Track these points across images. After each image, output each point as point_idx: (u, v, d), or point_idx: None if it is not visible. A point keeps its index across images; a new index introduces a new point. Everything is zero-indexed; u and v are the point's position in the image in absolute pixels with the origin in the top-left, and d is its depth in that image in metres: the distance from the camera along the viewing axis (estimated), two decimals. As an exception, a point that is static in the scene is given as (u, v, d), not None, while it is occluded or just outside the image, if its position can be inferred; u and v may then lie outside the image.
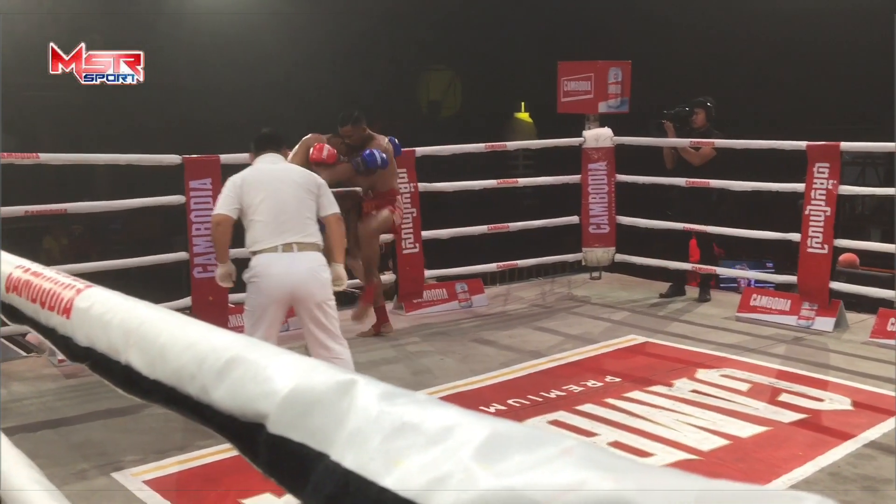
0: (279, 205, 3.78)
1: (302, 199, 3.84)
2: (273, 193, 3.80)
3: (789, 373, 4.77)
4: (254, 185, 3.83)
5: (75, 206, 5.60)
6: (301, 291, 3.76)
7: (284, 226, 3.76)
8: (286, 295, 3.77)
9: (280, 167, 3.96)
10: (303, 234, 3.78)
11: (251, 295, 3.83)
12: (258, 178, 3.87)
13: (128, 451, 3.79)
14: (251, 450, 0.65)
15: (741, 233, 6.34)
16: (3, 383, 4.74)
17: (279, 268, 3.74)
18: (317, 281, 3.78)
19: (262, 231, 3.76)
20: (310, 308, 3.80)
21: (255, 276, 3.78)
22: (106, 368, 0.88)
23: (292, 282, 3.74)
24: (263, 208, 3.77)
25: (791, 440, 3.86)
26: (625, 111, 6.97)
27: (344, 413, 0.58)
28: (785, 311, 5.79)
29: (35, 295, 1.05)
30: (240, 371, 0.68)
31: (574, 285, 7.12)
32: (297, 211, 3.80)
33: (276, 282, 3.73)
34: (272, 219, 3.76)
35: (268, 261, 3.74)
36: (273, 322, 3.84)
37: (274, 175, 3.88)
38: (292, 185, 3.85)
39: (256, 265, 3.79)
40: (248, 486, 3.46)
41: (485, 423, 0.51)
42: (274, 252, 3.74)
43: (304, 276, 3.75)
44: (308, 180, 3.93)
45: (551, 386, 4.61)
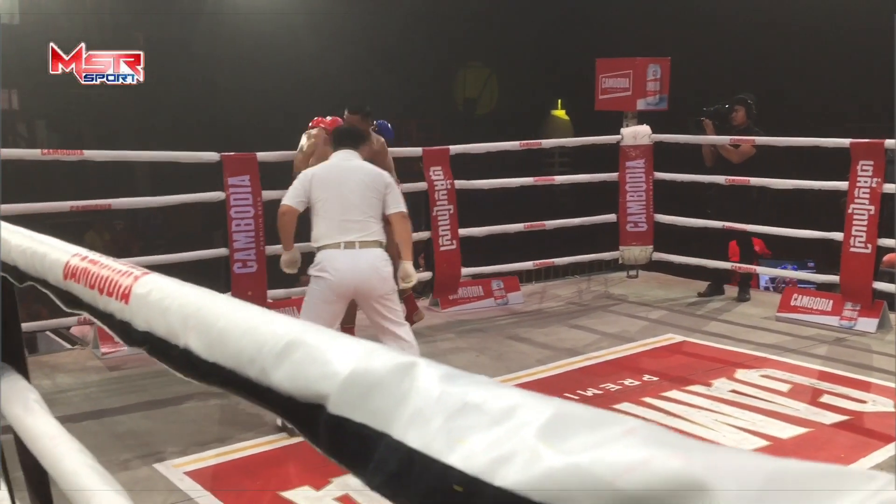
0: (344, 204, 3.90)
1: (367, 198, 3.94)
2: (339, 191, 3.92)
3: (831, 374, 4.71)
4: (323, 182, 3.95)
5: (119, 202, 5.70)
6: (364, 287, 3.89)
7: (347, 224, 3.87)
8: (349, 289, 3.89)
9: (352, 165, 4.04)
10: (365, 233, 3.89)
11: (314, 287, 3.95)
12: (328, 174, 3.99)
13: (169, 443, 3.85)
14: (311, 430, 0.66)
15: (782, 232, 6.26)
16: (49, 375, 4.85)
17: (343, 263, 3.85)
18: (378, 276, 3.90)
19: (327, 228, 3.89)
20: (371, 302, 3.94)
21: (321, 270, 3.90)
22: (164, 352, 0.90)
23: (355, 277, 3.86)
24: (329, 206, 3.90)
25: (832, 442, 3.81)
26: (664, 108, 6.92)
27: (405, 394, 0.59)
28: (827, 312, 5.71)
29: (93, 282, 1.08)
30: (299, 354, 0.70)
31: (611, 283, 7.08)
32: (361, 210, 3.90)
33: (339, 276, 3.85)
34: (336, 216, 3.88)
35: (332, 256, 3.87)
36: (334, 315, 3.96)
37: (343, 173, 3.98)
38: (359, 185, 3.95)
39: (321, 260, 3.91)
40: (286, 478, 3.51)
41: (547, 403, 0.51)
42: (337, 248, 3.87)
43: (367, 273, 3.87)
44: (376, 180, 4.01)
45: (588, 384, 4.60)
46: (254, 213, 5.48)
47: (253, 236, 5.48)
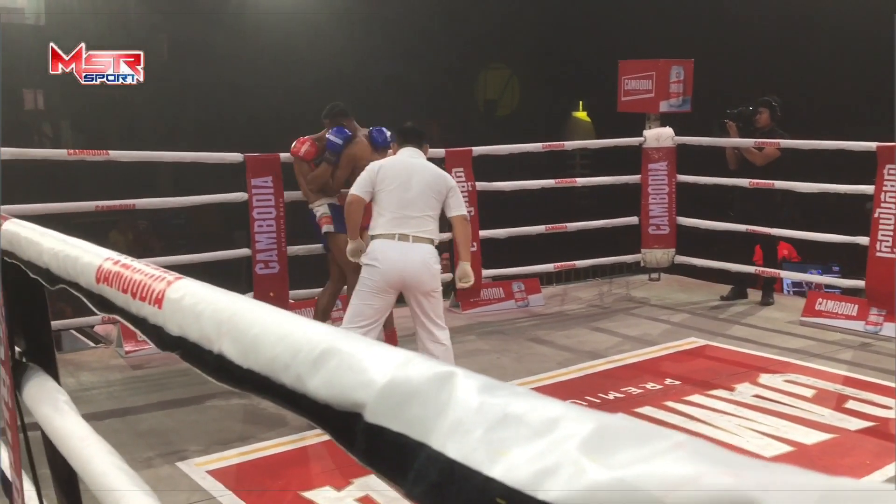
0: (405, 199, 4.00)
1: (428, 197, 4.04)
2: (402, 186, 4.02)
3: (856, 379, 4.66)
4: (388, 175, 4.05)
5: (144, 202, 5.75)
6: (412, 279, 3.98)
7: (404, 219, 3.98)
8: (398, 279, 3.98)
9: (418, 163, 4.15)
10: (419, 230, 3.99)
11: (365, 275, 4.04)
12: (395, 169, 4.08)
13: (191, 441, 3.88)
14: (347, 438, 0.66)
15: (806, 235, 6.21)
16: (73, 373, 4.89)
17: (394, 253, 3.95)
18: (427, 270, 4.00)
19: (384, 219, 4.00)
20: (417, 295, 4.02)
21: (373, 258, 4.00)
22: (198, 357, 0.90)
23: (405, 268, 3.96)
24: (390, 198, 4.00)
25: (857, 448, 3.77)
26: (687, 110, 6.88)
27: (444, 404, 0.58)
28: (852, 316, 5.65)
29: (126, 286, 1.08)
30: (335, 361, 0.70)
31: (632, 286, 7.05)
32: (420, 208, 4.01)
33: (390, 266, 3.95)
34: (395, 210, 3.98)
35: (384, 246, 3.97)
36: (383, 304, 4.05)
37: (409, 169, 4.08)
38: (422, 184, 4.05)
39: (374, 249, 4.01)
40: (308, 478, 3.52)
41: (590, 415, 0.51)
42: (391, 239, 3.97)
43: (417, 265, 3.96)
44: (439, 182, 4.11)
45: (609, 387, 4.58)
46: (276, 213, 5.50)
47: (275, 237, 5.50)
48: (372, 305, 4.02)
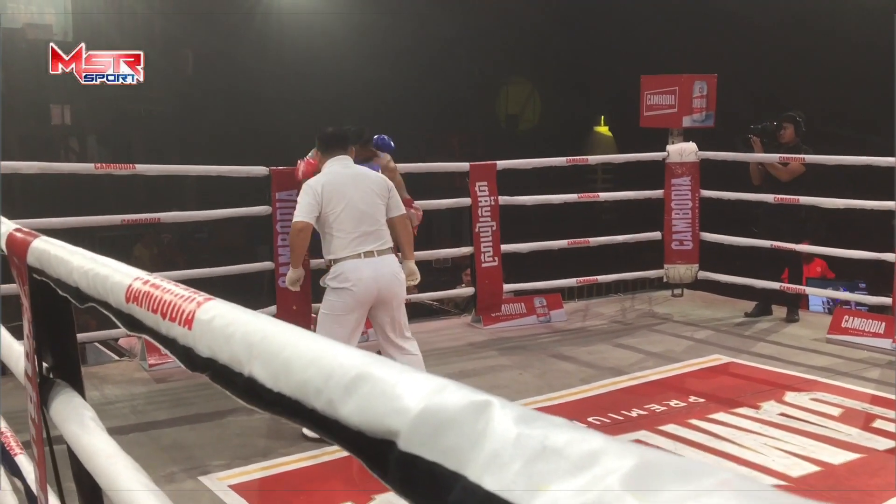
0: (358, 215, 3.95)
1: (377, 206, 4.01)
2: (351, 203, 3.95)
3: (884, 398, 4.58)
4: (334, 195, 3.95)
5: (168, 216, 5.78)
6: (386, 292, 3.98)
7: (363, 236, 3.94)
8: (373, 297, 3.96)
9: (355, 172, 4.07)
10: (380, 242, 3.99)
11: (334, 299, 3.97)
12: (337, 186, 3.98)
13: (214, 456, 3.89)
14: (381, 466, 0.66)
15: (832, 252, 6.15)
16: (97, 386, 4.92)
17: (367, 272, 3.92)
18: (398, 281, 4.03)
19: (343, 241, 3.94)
20: (391, 308, 4.02)
21: (343, 280, 3.93)
22: (228, 380, 0.90)
23: (379, 284, 3.94)
24: (343, 218, 3.94)
25: (886, 468, 3.70)
26: (710, 125, 6.84)
27: (480, 434, 0.57)
28: (879, 334, 5.57)
29: (156, 306, 1.09)
30: (368, 387, 0.69)
31: (655, 302, 7.00)
32: (374, 220, 3.98)
33: (365, 285, 3.92)
34: (352, 229, 3.94)
35: (355, 266, 3.93)
36: (357, 325, 4.02)
37: (351, 183, 4.00)
38: (368, 193, 4.00)
39: (342, 271, 3.93)
40: (329, 494, 3.51)
41: (632, 450, 0.50)
42: (358, 258, 3.92)
43: (389, 278, 3.97)
44: (380, 187, 4.07)
45: (633, 405, 4.54)
46: (299, 228, 5.51)
47: (297, 251, 5.51)
48: (345, 329, 3.93)
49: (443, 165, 6.12)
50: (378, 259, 3.94)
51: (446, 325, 6.46)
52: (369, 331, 5.96)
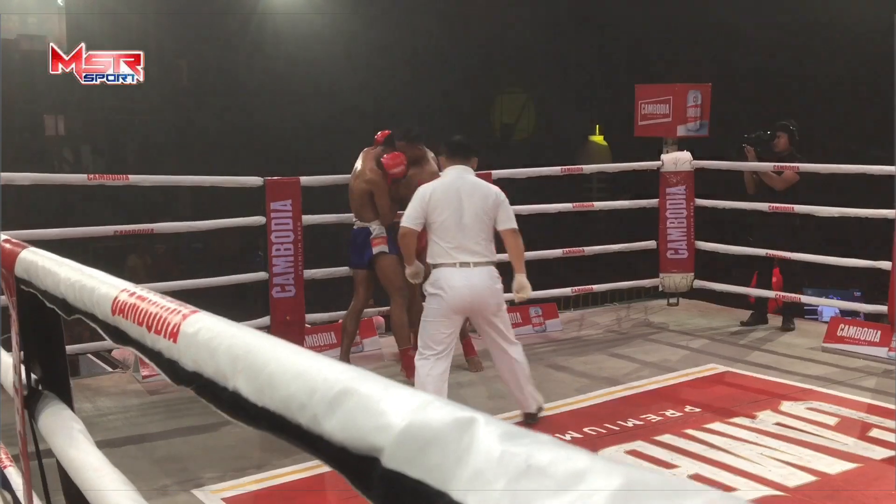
0: (460, 227, 4.06)
1: (481, 220, 4.10)
2: (455, 214, 4.07)
3: (880, 407, 4.57)
4: (440, 203, 4.09)
5: (162, 227, 5.77)
6: (479, 303, 4.11)
7: (462, 246, 4.06)
8: (465, 305, 4.10)
9: (468, 183, 4.17)
10: (478, 255, 4.09)
11: (432, 305, 4.13)
12: (445, 195, 4.10)
13: (208, 468, 3.86)
14: (364, 483, 0.64)
15: (827, 260, 6.14)
16: (90, 398, 4.90)
17: (459, 281, 4.05)
18: (491, 293, 4.14)
19: (441, 248, 4.08)
20: (487, 317, 4.16)
21: (438, 288, 4.08)
22: (212, 394, 0.89)
23: (471, 294, 4.07)
24: (445, 227, 4.07)
25: (883, 478, 3.69)
26: (704, 135, 6.85)
27: (464, 451, 0.56)
28: (875, 343, 5.56)
29: (141, 318, 1.07)
30: (352, 403, 0.68)
31: (651, 311, 6.99)
32: (475, 232, 4.08)
33: (456, 293, 4.05)
34: (451, 238, 4.06)
35: (448, 274, 4.07)
36: (452, 329, 4.16)
37: (460, 195, 4.11)
38: (473, 207, 4.10)
39: (438, 278, 4.10)
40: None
41: (618, 470, 0.49)
42: (453, 267, 4.05)
43: (481, 290, 4.08)
44: (489, 200, 4.16)
45: (628, 414, 4.52)
46: (293, 237, 5.51)
47: (292, 261, 5.50)
48: (442, 332, 4.10)
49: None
50: (473, 270, 4.05)
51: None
52: (364, 341, 5.96)
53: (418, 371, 4.16)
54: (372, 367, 5.57)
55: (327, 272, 5.85)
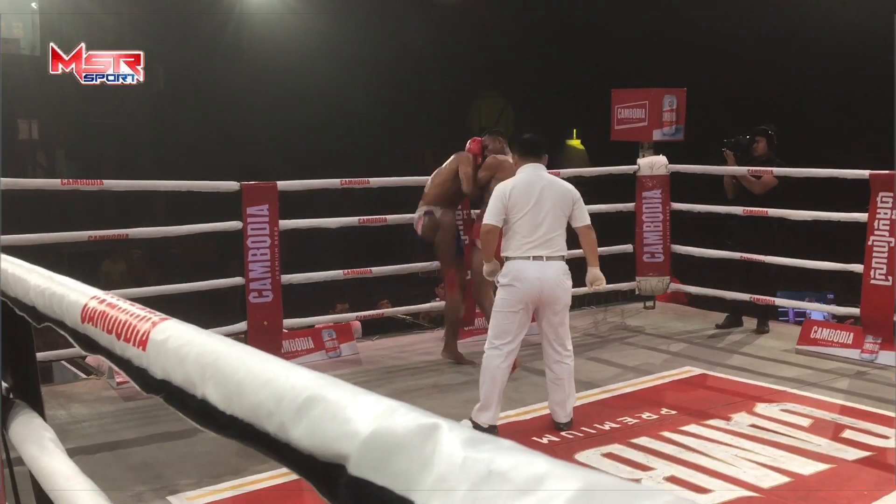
0: (536, 223, 4.18)
1: (557, 216, 4.23)
2: (533, 210, 4.19)
3: (853, 408, 4.63)
4: (519, 200, 4.20)
5: (137, 232, 5.72)
6: (548, 295, 4.20)
7: (537, 241, 4.18)
8: (536, 296, 4.19)
9: (543, 182, 4.28)
10: (552, 250, 4.21)
11: (503, 296, 4.24)
12: (524, 192, 4.22)
13: (183, 475, 3.83)
14: (330, 491, 0.65)
15: (801, 263, 6.20)
16: (64, 405, 4.85)
17: (531, 273, 4.16)
18: (562, 287, 4.24)
19: (518, 243, 4.20)
20: (555, 310, 4.25)
21: (511, 279, 4.18)
22: (181, 402, 0.89)
23: (542, 285, 4.17)
24: (523, 223, 4.19)
25: (856, 479, 3.74)
26: (680, 139, 6.91)
27: (428, 458, 0.57)
28: (847, 345, 5.64)
29: (111, 326, 1.07)
30: (319, 410, 0.68)
31: (627, 315, 7.03)
32: (551, 229, 4.21)
33: (528, 285, 4.16)
34: (528, 234, 4.18)
35: (521, 267, 4.18)
36: (523, 320, 4.25)
37: (537, 192, 4.22)
38: (550, 204, 4.21)
39: (510, 270, 4.20)
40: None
41: (576, 474, 0.50)
42: (526, 260, 4.17)
43: (553, 283, 4.19)
44: (566, 198, 4.28)
45: (605, 417, 4.54)
46: (270, 242, 5.49)
47: (269, 266, 5.48)
48: (514, 322, 4.20)
49: (411, 180, 6.13)
50: (546, 263, 4.17)
51: (420, 340, 6.45)
52: (342, 346, 5.94)
53: (489, 362, 4.25)
54: (350, 371, 5.57)
55: (305, 277, 5.84)
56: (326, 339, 5.88)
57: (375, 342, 6.39)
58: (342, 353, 5.91)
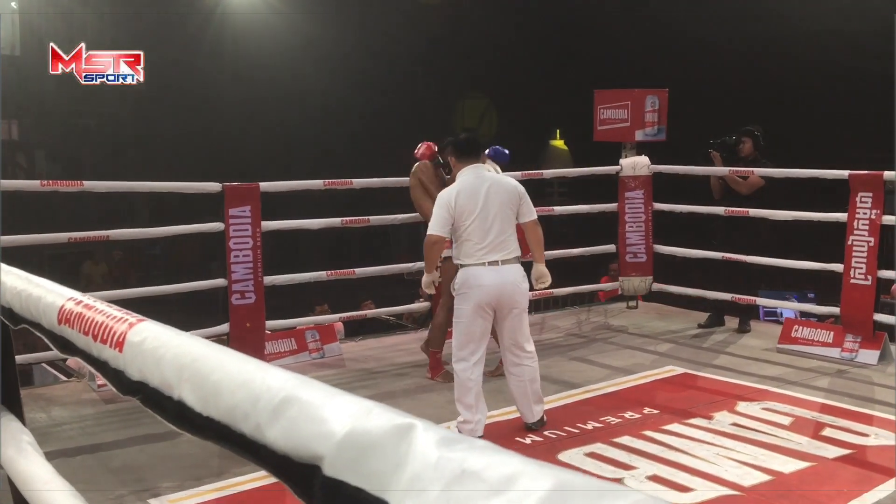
0: (486, 227, 4.10)
1: (506, 217, 4.16)
2: (481, 215, 4.10)
3: (833, 406, 4.67)
4: (466, 207, 4.11)
5: (118, 233, 5.68)
6: (507, 300, 4.15)
7: (490, 246, 4.11)
8: (494, 300, 4.13)
9: (489, 181, 4.18)
10: (505, 253, 4.14)
11: (462, 306, 4.16)
12: (470, 197, 4.12)
13: (165, 478, 3.81)
14: (306, 491, 0.65)
15: (782, 263, 6.24)
16: (44, 408, 4.81)
17: (487, 279, 4.09)
18: (519, 291, 4.19)
19: (470, 249, 4.12)
20: (513, 314, 4.19)
21: (466, 287, 4.12)
22: (158, 404, 0.88)
23: (501, 291, 4.12)
24: (473, 228, 4.11)
25: (836, 476, 3.77)
26: (662, 139, 6.94)
27: (402, 458, 0.57)
28: (828, 343, 5.68)
29: (87, 328, 1.06)
30: (294, 411, 0.68)
31: (610, 314, 7.05)
32: (501, 231, 4.14)
33: (486, 291, 4.10)
34: (480, 239, 4.10)
35: (477, 273, 4.11)
36: (484, 330, 4.19)
37: (483, 193, 4.13)
38: (498, 204, 4.14)
39: (466, 277, 4.13)
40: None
41: (548, 473, 0.50)
42: (482, 266, 4.10)
43: (510, 287, 4.13)
44: (512, 197, 4.20)
45: (588, 417, 4.56)
46: (252, 244, 5.47)
47: (251, 267, 5.46)
48: (477, 331, 4.15)
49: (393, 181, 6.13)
50: (501, 268, 4.11)
51: (404, 340, 6.44)
52: (325, 347, 5.93)
53: (459, 374, 4.19)
54: (333, 372, 5.55)
55: (288, 278, 5.82)
56: (310, 341, 5.86)
57: (359, 343, 6.38)
58: (325, 354, 5.90)
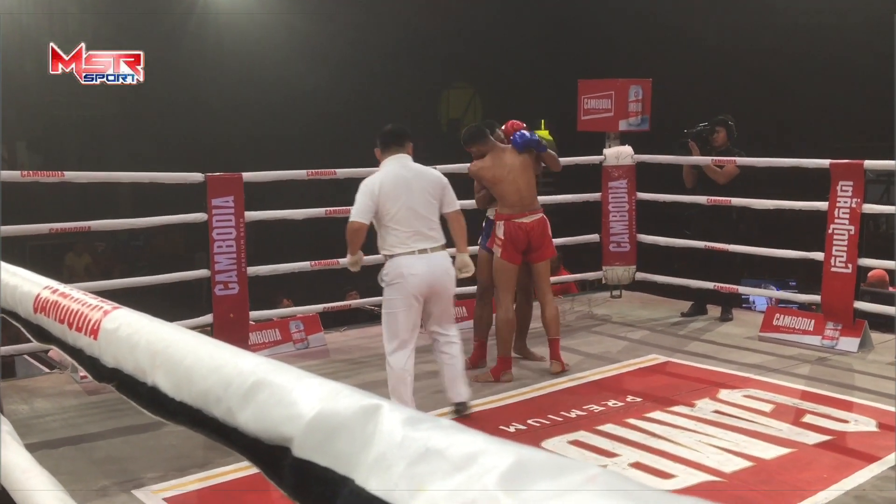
0: (412, 215, 4.13)
1: (431, 206, 4.20)
2: (406, 203, 4.13)
3: (813, 393, 4.72)
4: (389, 195, 4.12)
5: (99, 224, 5.65)
6: (439, 287, 4.20)
7: (417, 234, 4.14)
8: (426, 289, 4.17)
9: (411, 171, 4.23)
10: (434, 241, 4.19)
11: (393, 296, 4.16)
12: (393, 186, 4.14)
13: (148, 468, 3.81)
14: (276, 473, 0.66)
15: (763, 251, 6.29)
16: (27, 399, 4.79)
17: (418, 268, 4.12)
18: (450, 277, 4.27)
19: (398, 238, 4.13)
20: (442, 300, 4.25)
21: (397, 276, 4.12)
22: (132, 390, 0.89)
23: (432, 279, 4.15)
24: (399, 218, 4.12)
25: (816, 462, 3.81)
26: (645, 129, 6.96)
27: (368, 438, 0.58)
28: (808, 331, 5.74)
29: (63, 316, 1.06)
30: (265, 394, 0.69)
31: (594, 304, 7.08)
32: (428, 218, 4.17)
33: (418, 280, 4.12)
34: (406, 228, 4.12)
35: (408, 262, 4.12)
36: (416, 317, 4.21)
37: (407, 183, 4.16)
38: (422, 193, 4.17)
39: (396, 266, 4.13)
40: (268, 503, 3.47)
41: (509, 449, 0.51)
42: (412, 255, 4.12)
43: (441, 274, 4.19)
44: (436, 186, 4.24)
45: (572, 405, 4.59)
46: (235, 234, 5.45)
47: (234, 258, 5.45)
48: (409, 320, 4.16)
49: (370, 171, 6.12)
50: (430, 255, 4.14)
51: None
52: (310, 337, 5.93)
53: (394, 365, 4.18)
54: (318, 362, 5.56)
55: (271, 269, 5.81)
56: (294, 331, 5.86)
57: (344, 333, 6.38)
58: (310, 344, 5.90)
